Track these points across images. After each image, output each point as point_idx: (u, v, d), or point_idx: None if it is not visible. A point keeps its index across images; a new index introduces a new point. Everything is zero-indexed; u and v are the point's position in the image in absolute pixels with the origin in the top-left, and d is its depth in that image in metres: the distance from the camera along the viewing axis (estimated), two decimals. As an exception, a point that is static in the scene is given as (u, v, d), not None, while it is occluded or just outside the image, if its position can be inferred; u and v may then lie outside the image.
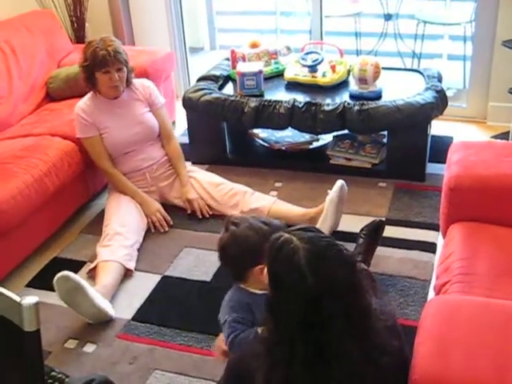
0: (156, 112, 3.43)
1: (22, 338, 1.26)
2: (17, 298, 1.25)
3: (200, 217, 3.34)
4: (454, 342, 1.68)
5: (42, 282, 2.99)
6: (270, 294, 1.56)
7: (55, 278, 2.63)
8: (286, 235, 1.56)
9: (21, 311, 1.24)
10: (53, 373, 2.34)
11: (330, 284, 1.47)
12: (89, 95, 3.33)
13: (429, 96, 3.47)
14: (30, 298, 1.25)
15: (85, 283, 2.65)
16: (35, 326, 1.25)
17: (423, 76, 3.78)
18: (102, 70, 3.18)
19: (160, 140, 3.47)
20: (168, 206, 3.40)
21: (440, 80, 3.74)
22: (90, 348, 2.62)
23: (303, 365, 1.48)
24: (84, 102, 3.31)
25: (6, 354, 1.35)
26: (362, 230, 2.88)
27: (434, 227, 3.12)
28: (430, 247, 3.03)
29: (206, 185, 3.39)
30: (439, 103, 3.49)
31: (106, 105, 3.30)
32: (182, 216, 3.38)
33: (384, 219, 3.13)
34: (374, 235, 2.85)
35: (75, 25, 4.57)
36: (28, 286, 3.02)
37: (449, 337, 1.70)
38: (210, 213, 3.36)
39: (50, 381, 2.30)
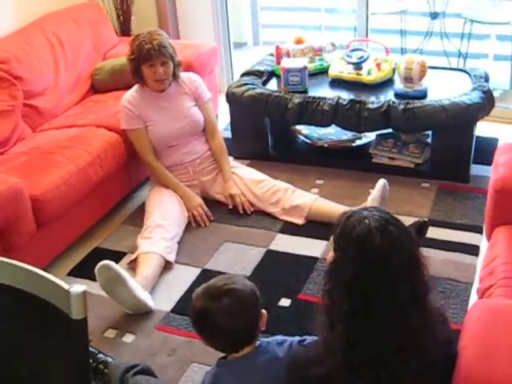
0: (202, 106, 3.43)
1: (68, 325, 1.27)
2: (65, 286, 1.26)
3: (241, 212, 3.35)
4: (498, 345, 1.65)
5: (83, 271, 3.02)
6: (333, 258, 1.59)
7: (97, 266, 2.67)
8: (354, 209, 1.63)
9: (69, 299, 1.25)
10: (100, 355, 2.39)
11: (395, 246, 1.52)
12: (135, 87, 3.35)
13: (475, 96, 3.41)
14: (78, 287, 1.26)
15: (125, 274, 2.68)
16: (83, 314, 1.26)
17: (470, 76, 3.72)
18: (147, 64, 3.20)
19: (204, 134, 3.47)
20: (209, 201, 3.41)
21: (487, 80, 3.68)
22: (128, 338, 2.65)
23: (362, 322, 1.51)
24: (130, 94, 3.34)
25: (52, 340, 1.36)
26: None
27: (478, 229, 3.08)
28: (473, 250, 2.98)
29: (248, 181, 3.39)
30: (486, 104, 3.43)
31: (152, 98, 3.32)
32: (223, 211, 3.39)
33: (427, 219, 3.10)
34: (417, 235, 2.82)
35: (121, 18, 4.60)
36: (69, 274, 3.06)
37: (493, 340, 1.67)
38: (252, 209, 3.36)
39: (94, 364, 2.36)
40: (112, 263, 2.67)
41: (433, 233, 3.06)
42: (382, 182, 3.05)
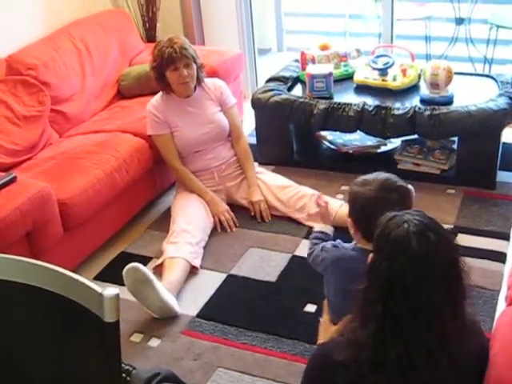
0: (227, 112, 3.44)
1: (101, 327, 1.28)
2: (98, 289, 1.27)
3: (259, 220, 3.35)
4: (529, 353, 1.63)
5: (109, 275, 3.05)
6: (372, 259, 1.59)
7: (125, 268, 2.69)
8: (398, 212, 1.62)
9: (102, 302, 1.26)
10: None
11: (431, 252, 1.50)
12: (161, 93, 3.37)
13: (502, 102, 3.39)
14: (111, 289, 1.26)
15: (153, 277, 2.70)
16: (116, 316, 1.27)
17: (496, 82, 3.70)
18: (170, 68, 3.22)
19: (230, 140, 3.49)
20: (234, 206, 3.41)
21: (514, 86, 3.65)
22: (154, 342, 2.66)
23: (395, 323, 1.50)
24: (156, 100, 3.36)
25: (84, 343, 1.37)
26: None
27: (504, 236, 3.06)
28: (500, 256, 2.96)
29: (273, 187, 3.39)
30: (513, 110, 3.41)
31: (177, 103, 3.34)
32: (248, 216, 3.39)
33: (453, 226, 3.08)
34: None
35: (147, 25, 4.64)
36: (95, 278, 3.07)
37: (524, 348, 1.66)
38: (270, 218, 3.36)
39: None
40: (140, 265, 2.69)
41: (459, 239, 3.00)
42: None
